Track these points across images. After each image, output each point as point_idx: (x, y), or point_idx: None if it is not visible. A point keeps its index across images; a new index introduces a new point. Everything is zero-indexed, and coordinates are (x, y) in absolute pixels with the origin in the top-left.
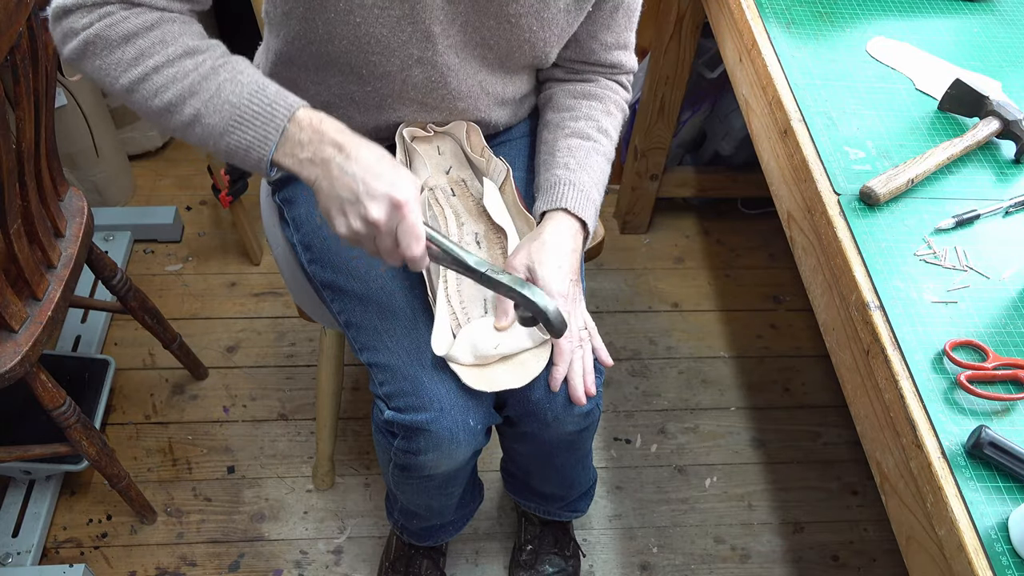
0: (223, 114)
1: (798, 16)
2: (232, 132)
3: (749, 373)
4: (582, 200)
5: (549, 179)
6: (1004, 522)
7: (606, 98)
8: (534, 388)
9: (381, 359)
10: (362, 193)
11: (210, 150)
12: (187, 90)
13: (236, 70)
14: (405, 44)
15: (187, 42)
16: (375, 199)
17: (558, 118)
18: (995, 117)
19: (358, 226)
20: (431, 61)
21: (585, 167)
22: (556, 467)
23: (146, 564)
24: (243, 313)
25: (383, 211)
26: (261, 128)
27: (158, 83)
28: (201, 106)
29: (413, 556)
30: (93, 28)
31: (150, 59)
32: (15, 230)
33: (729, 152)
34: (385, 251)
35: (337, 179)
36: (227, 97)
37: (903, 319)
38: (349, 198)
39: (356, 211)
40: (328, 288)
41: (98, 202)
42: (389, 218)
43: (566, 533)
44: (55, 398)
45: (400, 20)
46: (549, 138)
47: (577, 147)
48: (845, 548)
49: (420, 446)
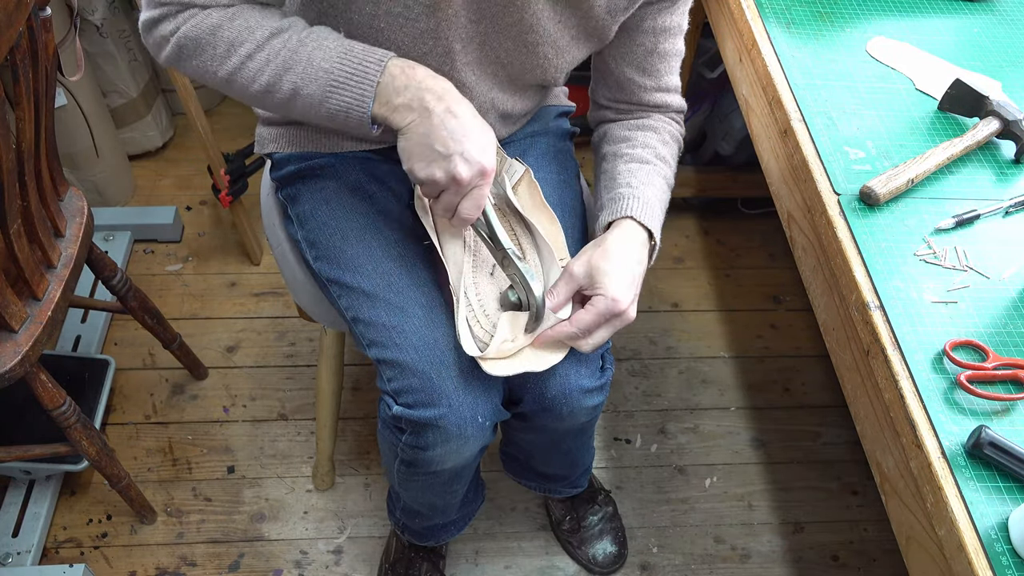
0: (319, 82)
1: (798, 16)
2: (331, 97)
3: (749, 373)
4: (647, 212)
5: (613, 196)
6: (1004, 522)
7: (661, 129)
8: (550, 385)
9: (390, 355)
10: (456, 152)
11: (313, 120)
12: (281, 67)
13: (321, 37)
14: (424, 56)
15: (271, 24)
16: (468, 162)
17: (615, 149)
18: (995, 117)
19: (441, 177)
20: (448, 76)
21: (648, 184)
22: (563, 452)
23: (146, 564)
24: (243, 313)
25: (471, 174)
26: (357, 87)
27: (254, 68)
28: (297, 79)
29: (413, 559)
30: (181, 31)
31: (241, 47)
32: (15, 230)
33: (729, 152)
34: (445, 205)
35: (436, 129)
36: (319, 64)
37: (903, 319)
38: (443, 151)
39: (446, 165)
40: (335, 284)
41: (98, 202)
42: (471, 182)
43: (591, 486)
44: (55, 398)
45: (424, 33)
46: (608, 168)
47: (638, 169)
48: (845, 548)
49: (429, 441)
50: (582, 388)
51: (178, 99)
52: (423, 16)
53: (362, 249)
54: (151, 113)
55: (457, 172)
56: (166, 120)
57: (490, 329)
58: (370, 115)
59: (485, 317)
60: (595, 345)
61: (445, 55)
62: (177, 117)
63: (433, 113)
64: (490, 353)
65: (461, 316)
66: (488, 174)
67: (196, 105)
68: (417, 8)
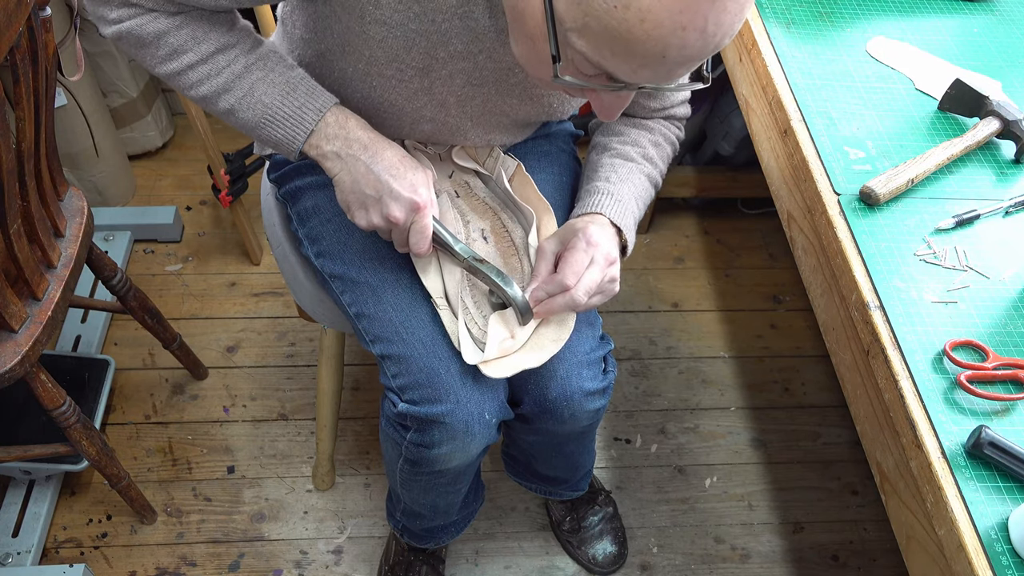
0: (255, 111)
1: (798, 16)
2: (263, 128)
3: (749, 373)
4: (619, 210)
5: (589, 189)
6: (1004, 522)
7: (655, 130)
8: (551, 387)
9: (395, 351)
10: (385, 193)
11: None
12: (222, 87)
13: (267, 68)
14: (419, 109)
15: (218, 38)
16: (397, 200)
17: (605, 140)
18: (995, 117)
19: (378, 221)
20: (443, 121)
21: (626, 181)
22: (565, 455)
23: (146, 564)
24: (243, 313)
25: (403, 211)
26: (291, 128)
27: (193, 78)
28: (235, 102)
29: (413, 562)
30: (124, 24)
31: (184, 56)
32: (15, 230)
33: (729, 152)
34: (397, 242)
35: (363, 176)
36: (259, 97)
37: (903, 319)
38: (372, 195)
39: (378, 208)
40: (338, 280)
41: (98, 202)
42: (407, 218)
43: (592, 487)
44: (55, 398)
45: (417, 91)
46: (594, 158)
47: (620, 165)
48: (845, 548)
49: (434, 439)
50: (584, 391)
51: (178, 99)
52: (416, 77)
53: (368, 244)
54: (151, 113)
55: (390, 213)
56: (166, 120)
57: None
58: (299, 152)
59: (483, 319)
60: (587, 291)
61: (440, 107)
62: (177, 117)
63: (359, 160)
64: (491, 355)
65: (460, 322)
66: (421, 208)
67: (196, 105)
68: (409, 72)
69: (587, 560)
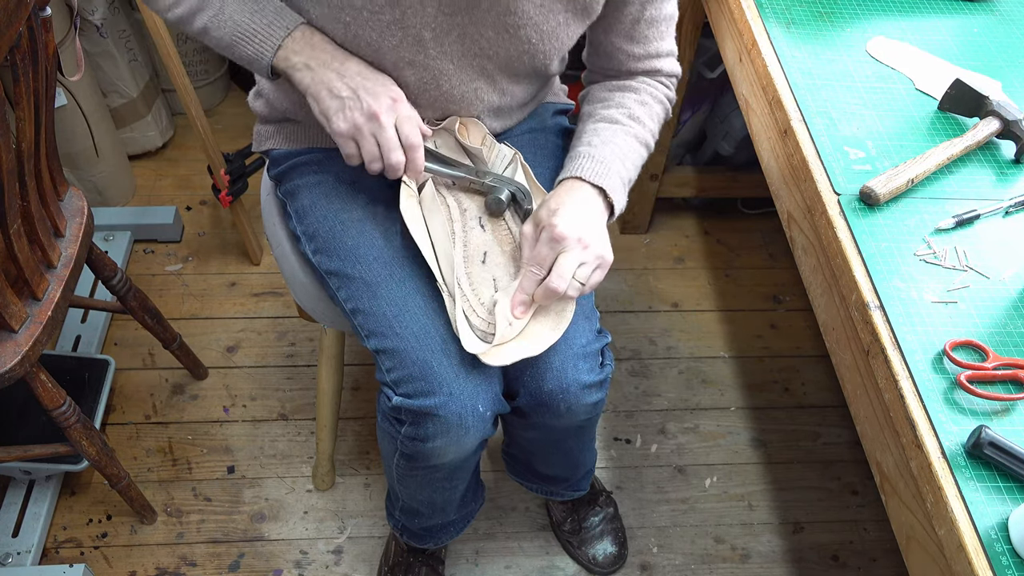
0: (227, 29)
1: (798, 16)
2: (236, 46)
3: (749, 373)
4: (600, 170)
5: (570, 155)
6: (1004, 522)
7: (641, 90)
8: (547, 379)
9: (389, 345)
10: (360, 89)
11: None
12: (196, 6)
13: None
14: (396, 48)
15: None
16: (372, 93)
17: (590, 108)
18: (995, 117)
19: (359, 119)
20: (423, 64)
21: (609, 143)
22: (564, 452)
23: (146, 564)
24: (243, 313)
25: (382, 103)
26: (260, 44)
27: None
28: (208, 21)
29: (412, 563)
30: None
31: None
32: (15, 230)
33: (729, 152)
34: (387, 145)
35: (334, 81)
36: (230, 15)
37: (903, 319)
38: (348, 95)
39: (358, 105)
40: (334, 276)
41: (98, 202)
42: (388, 109)
43: (592, 488)
44: (55, 398)
45: (390, 24)
46: (579, 128)
47: (604, 129)
48: (845, 548)
49: (428, 432)
50: (580, 383)
51: (178, 99)
52: (387, 8)
53: (362, 239)
54: (151, 113)
55: (368, 105)
56: (166, 120)
57: (487, 317)
58: (270, 68)
59: (481, 305)
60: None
61: (417, 44)
62: (177, 117)
63: (328, 67)
64: (504, 337)
65: (459, 311)
66: (398, 98)
67: (196, 105)
68: (379, 2)
69: (587, 560)
